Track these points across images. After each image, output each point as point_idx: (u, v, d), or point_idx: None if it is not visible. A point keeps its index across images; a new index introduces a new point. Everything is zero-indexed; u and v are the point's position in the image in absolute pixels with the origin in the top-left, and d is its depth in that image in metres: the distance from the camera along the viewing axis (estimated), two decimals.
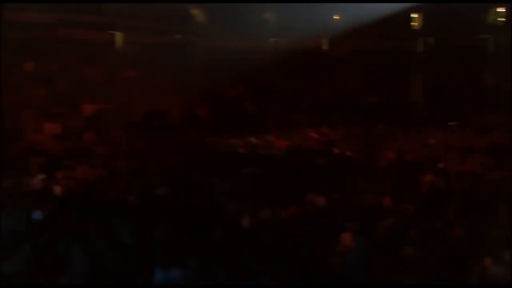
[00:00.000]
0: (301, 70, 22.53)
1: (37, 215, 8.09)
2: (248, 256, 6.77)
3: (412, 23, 22.79)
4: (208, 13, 22.23)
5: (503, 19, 21.07)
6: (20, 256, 6.55)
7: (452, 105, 19.77)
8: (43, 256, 6.69)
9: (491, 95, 20.13)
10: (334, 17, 23.07)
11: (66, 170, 11.10)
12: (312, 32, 21.67)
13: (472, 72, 21.13)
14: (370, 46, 22.83)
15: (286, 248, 6.84)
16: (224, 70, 21.68)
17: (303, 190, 9.25)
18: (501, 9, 21.08)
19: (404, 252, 6.65)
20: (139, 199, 9.11)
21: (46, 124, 16.06)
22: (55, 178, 10.40)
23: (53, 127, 15.99)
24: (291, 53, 22.84)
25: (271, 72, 22.56)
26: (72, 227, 7.64)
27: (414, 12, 22.58)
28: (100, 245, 6.98)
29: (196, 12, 22.34)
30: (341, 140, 15.13)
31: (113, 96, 18.65)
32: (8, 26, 15.93)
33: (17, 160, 11.91)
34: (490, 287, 4.67)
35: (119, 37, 21.66)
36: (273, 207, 8.30)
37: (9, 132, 13.67)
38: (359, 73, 23.03)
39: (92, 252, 6.77)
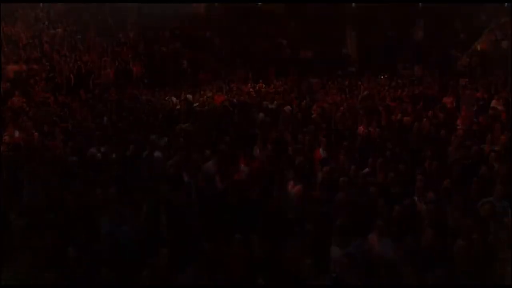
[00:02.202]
0: (237, 25, 22.39)
1: None
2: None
3: None
4: None
5: None
6: None
7: (383, 58, 20.46)
8: None
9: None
10: None
11: None
12: None
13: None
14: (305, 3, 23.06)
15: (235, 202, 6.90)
16: (158, 26, 21.18)
17: (242, 145, 9.38)
18: None
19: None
20: (77, 160, 8.89)
21: None
22: None
23: None
24: (226, 8, 22.60)
25: (207, 28, 22.25)
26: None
27: None
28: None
29: None
30: (276, 94, 15.23)
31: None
32: None
33: None
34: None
35: None
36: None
37: None
38: (294, 29, 23.17)
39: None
